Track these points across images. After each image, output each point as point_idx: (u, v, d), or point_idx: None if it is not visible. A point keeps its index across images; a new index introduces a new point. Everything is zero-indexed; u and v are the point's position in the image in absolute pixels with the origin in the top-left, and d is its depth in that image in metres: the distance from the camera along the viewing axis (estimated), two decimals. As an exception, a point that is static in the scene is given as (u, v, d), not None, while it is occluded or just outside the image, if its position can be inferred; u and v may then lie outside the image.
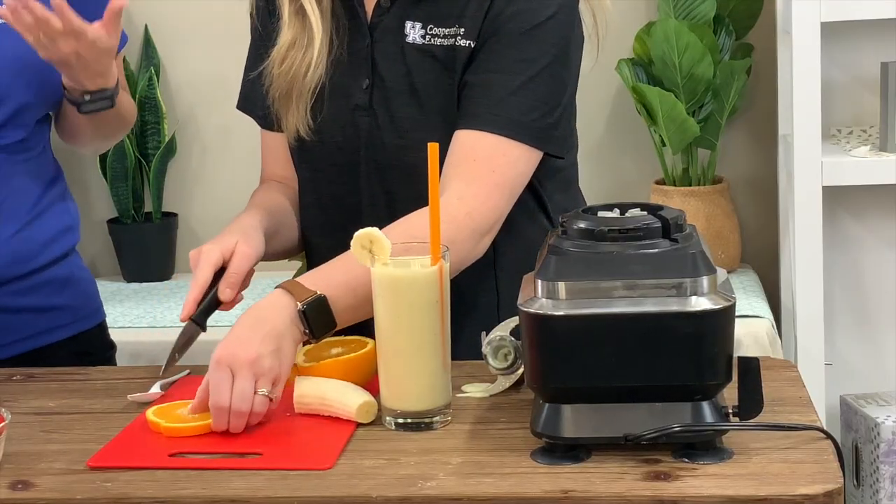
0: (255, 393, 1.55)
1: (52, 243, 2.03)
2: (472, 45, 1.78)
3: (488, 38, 1.77)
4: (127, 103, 2.08)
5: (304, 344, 1.64)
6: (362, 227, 1.55)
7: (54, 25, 1.76)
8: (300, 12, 1.82)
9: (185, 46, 3.28)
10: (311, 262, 1.97)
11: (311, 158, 1.88)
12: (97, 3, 2.05)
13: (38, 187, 2.01)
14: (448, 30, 1.79)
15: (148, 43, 3.24)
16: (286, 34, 1.83)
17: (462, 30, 1.78)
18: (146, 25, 3.25)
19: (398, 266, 1.54)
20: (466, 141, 1.76)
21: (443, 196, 1.71)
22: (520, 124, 1.76)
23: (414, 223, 1.69)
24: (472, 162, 1.75)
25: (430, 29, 1.79)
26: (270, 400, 1.56)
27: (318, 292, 1.61)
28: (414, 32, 1.80)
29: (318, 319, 1.61)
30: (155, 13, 3.26)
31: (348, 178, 1.85)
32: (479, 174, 1.74)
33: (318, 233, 1.93)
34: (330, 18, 1.83)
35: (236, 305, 1.75)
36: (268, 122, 1.92)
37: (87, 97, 1.89)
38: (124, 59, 3.19)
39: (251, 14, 1.93)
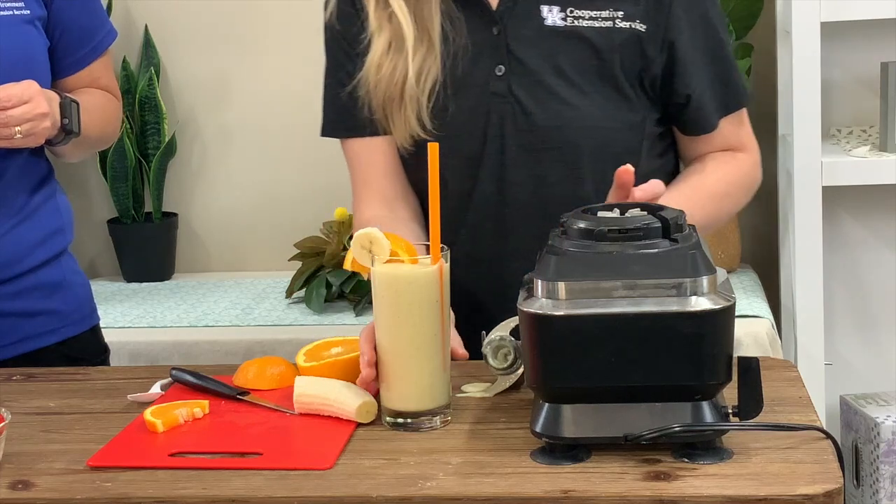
0: None
1: (42, 245, 2.01)
2: (642, 28, 1.80)
3: (674, 22, 1.81)
4: (106, 114, 2.07)
5: None
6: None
7: None
8: (391, 15, 1.81)
9: (185, 46, 3.27)
10: None
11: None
12: (83, 2, 2.05)
13: (26, 188, 1.99)
14: (597, 12, 1.81)
15: (148, 43, 3.24)
16: (380, 40, 1.81)
17: (620, 13, 1.80)
18: (146, 25, 3.25)
19: (398, 266, 1.54)
20: (718, 138, 1.89)
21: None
22: (742, 91, 1.91)
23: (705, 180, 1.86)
24: (729, 151, 1.90)
25: (571, 11, 1.81)
26: None
27: None
28: (552, 15, 1.81)
29: None
30: (155, 13, 3.26)
31: (478, 169, 1.83)
32: (742, 156, 1.91)
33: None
34: (438, 13, 1.81)
35: None
36: (372, 128, 1.86)
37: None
38: (124, 59, 3.20)
39: (329, 35, 1.89)
